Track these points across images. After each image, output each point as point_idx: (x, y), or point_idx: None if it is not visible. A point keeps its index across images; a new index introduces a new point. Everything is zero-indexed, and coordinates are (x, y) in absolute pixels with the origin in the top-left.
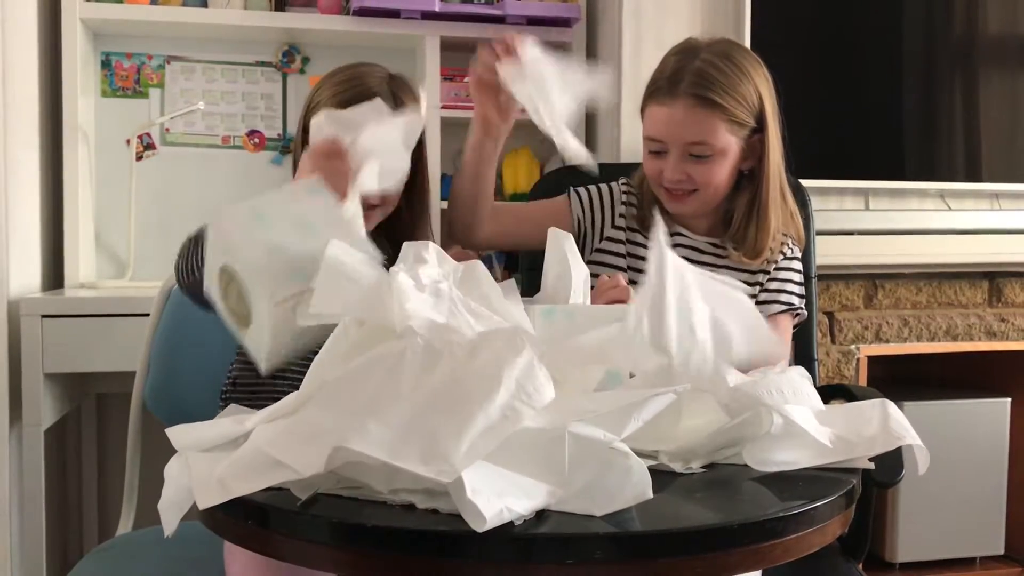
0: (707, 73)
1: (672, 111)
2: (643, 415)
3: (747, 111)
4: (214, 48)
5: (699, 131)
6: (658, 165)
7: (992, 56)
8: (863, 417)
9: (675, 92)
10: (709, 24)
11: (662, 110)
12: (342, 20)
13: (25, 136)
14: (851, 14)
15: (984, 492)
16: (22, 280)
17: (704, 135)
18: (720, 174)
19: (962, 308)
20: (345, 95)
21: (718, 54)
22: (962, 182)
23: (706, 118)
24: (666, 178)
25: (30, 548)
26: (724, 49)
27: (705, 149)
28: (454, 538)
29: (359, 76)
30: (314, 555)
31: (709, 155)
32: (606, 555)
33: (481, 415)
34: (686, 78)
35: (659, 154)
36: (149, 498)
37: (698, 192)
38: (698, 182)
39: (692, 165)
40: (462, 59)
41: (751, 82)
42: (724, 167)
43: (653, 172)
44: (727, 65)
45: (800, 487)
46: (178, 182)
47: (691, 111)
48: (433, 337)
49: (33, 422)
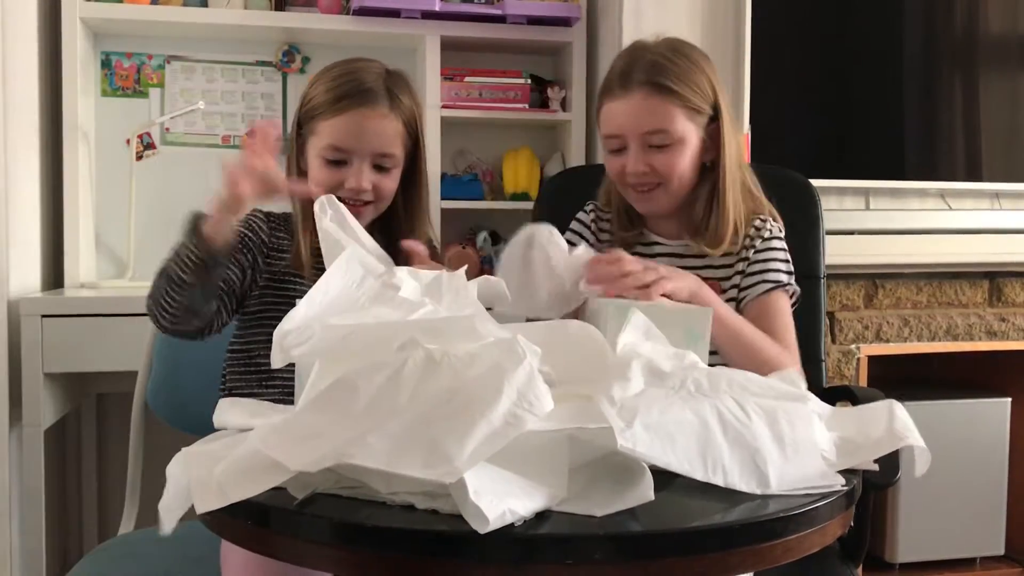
0: (659, 63)
1: (628, 103)
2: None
3: (702, 99)
4: (214, 48)
5: (656, 119)
6: (620, 162)
7: (992, 56)
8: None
9: (629, 84)
10: (709, 24)
11: (617, 104)
12: (342, 20)
13: (25, 136)
14: (851, 14)
15: (984, 492)
16: (22, 280)
17: (662, 123)
18: (682, 163)
19: (962, 308)
20: (339, 90)
21: (667, 48)
22: (962, 182)
23: (661, 105)
24: (629, 172)
25: (30, 548)
26: (672, 44)
27: (664, 138)
28: (454, 538)
29: (355, 71)
30: (314, 555)
31: (669, 144)
32: (606, 555)
33: (483, 421)
34: (638, 70)
35: (619, 152)
36: (151, 497)
37: (663, 185)
38: (661, 173)
39: (653, 155)
40: (462, 59)
41: (702, 72)
42: (685, 156)
43: (616, 171)
44: (677, 56)
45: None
46: (178, 182)
47: (646, 100)
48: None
49: (33, 422)
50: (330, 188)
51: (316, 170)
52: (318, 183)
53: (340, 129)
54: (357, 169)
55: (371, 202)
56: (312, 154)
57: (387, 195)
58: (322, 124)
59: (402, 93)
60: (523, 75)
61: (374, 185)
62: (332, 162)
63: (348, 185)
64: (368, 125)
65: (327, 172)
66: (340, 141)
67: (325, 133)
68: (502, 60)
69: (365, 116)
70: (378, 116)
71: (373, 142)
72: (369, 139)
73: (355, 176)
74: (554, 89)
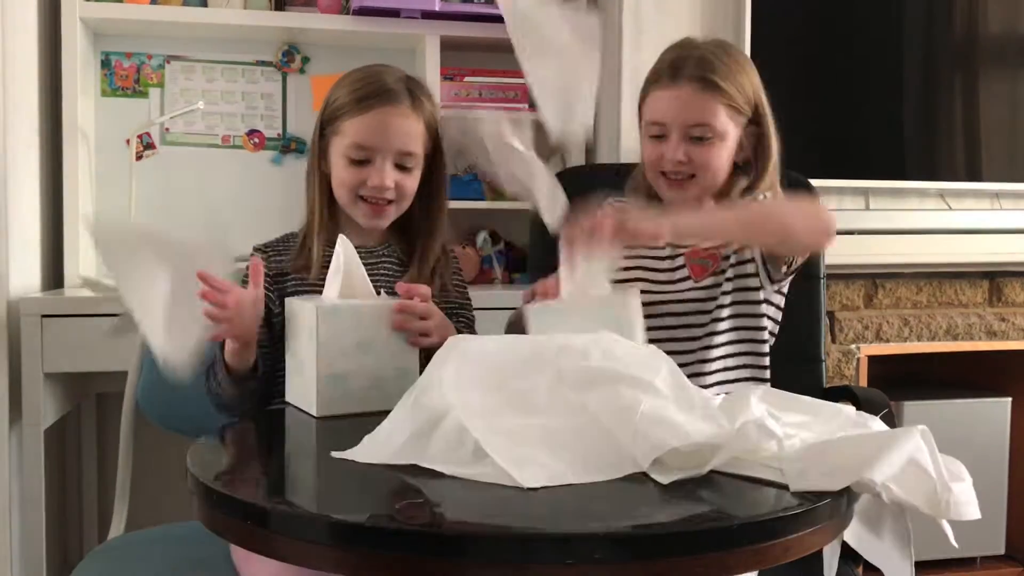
0: (709, 60)
1: (676, 93)
2: None
3: (745, 100)
4: (214, 48)
5: (701, 113)
6: (658, 149)
7: (992, 56)
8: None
9: (678, 76)
10: (709, 24)
11: (665, 93)
12: (342, 20)
13: (25, 136)
14: (851, 14)
15: (984, 492)
16: (22, 280)
17: (706, 117)
18: (719, 159)
19: (962, 308)
20: (363, 91)
21: (717, 47)
22: (962, 182)
23: (708, 100)
24: (667, 159)
25: (30, 548)
26: (721, 44)
27: (706, 131)
28: (454, 538)
29: (376, 74)
30: (314, 555)
31: (710, 137)
32: (606, 555)
33: None
34: (689, 64)
35: (659, 139)
36: (142, 499)
37: (696, 177)
38: (697, 165)
39: (693, 147)
40: (462, 59)
41: (747, 76)
42: (723, 152)
43: (653, 157)
44: (726, 56)
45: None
46: (178, 182)
47: (695, 94)
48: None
49: (33, 422)
50: (353, 187)
51: (340, 170)
52: (341, 182)
53: (364, 127)
54: (380, 167)
55: (393, 201)
56: (336, 154)
57: (409, 194)
58: (346, 124)
59: (423, 96)
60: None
61: (396, 184)
62: (356, 162)
63: (371, 183)
64: (391, 123)
65: (351, 171)
66: (364, 139)
67: (349, 132)
68: (502, 60)
69: (388, 114)
70: (401, 115)
71: (396, 140)
72: (392, 137)
73: (378, 174)
74: None
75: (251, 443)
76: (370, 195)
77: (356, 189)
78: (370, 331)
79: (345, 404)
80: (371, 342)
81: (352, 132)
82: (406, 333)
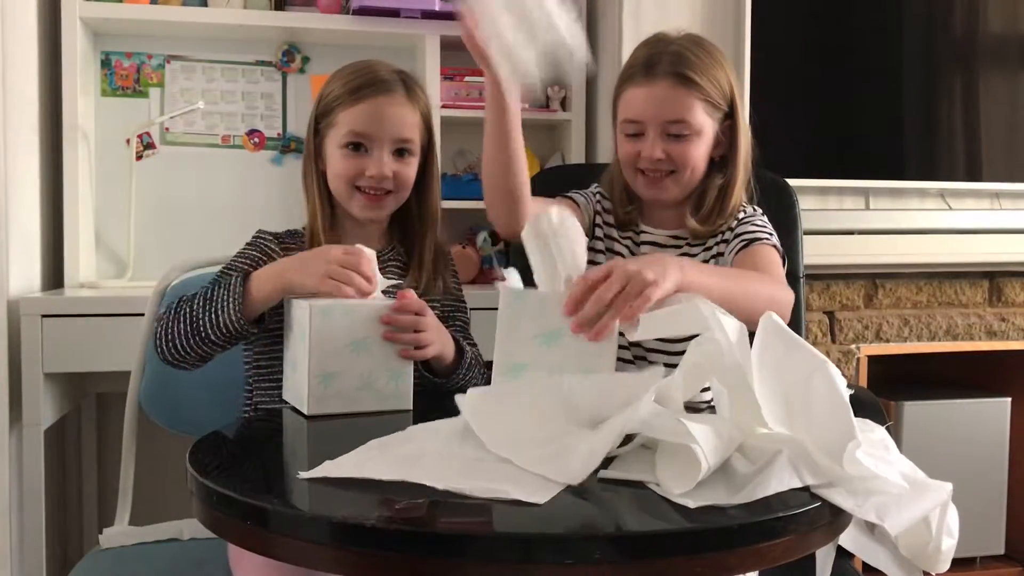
0: (684, 56)
1: (651, 90)
2: None
3: (720, 95)
4: (214, 47)
5: (678, 109)
6: (635, 147)
7: (992, 56)
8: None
9: (653, 73)
10: (709, 24)
11: (640, 91)
12: (342, 19)
13: (25, 136)
14: (851, 14)
15: (984, 492)
16: (22, 280)
17: (683, 113)
18: (696, 155)
19: (962, 308)
20: (357, 82)
21: (691, 41)
22: (962, 181)
23: (684, 96)
24: (644, 157)
25: (30, 548)
26: (695, 39)
27: (683, 128)
28: (454, 538)
29: (369, 66)
30: (314, 555)
31: (687, 134)
32: (606, 555)
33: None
34: (664, 60)
35: (635, 137)
36: (142, 499)
37: (675, 174)
38: (676, 162)
39: (670, 144)
40: (462, 59)
41: (722, 69)
42: (700, 148)
43: (630, 155)
44: (701, 51)
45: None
46: (178, 181)
47: (671, 90)
48: None
49: (33, 422)
50: (351, 178)
51: (336, 162)
52: (338, 174)
53: (360, 116)
54: (377, 157)
55: (391, 191)
56: (332, 146)
57: (407, 183)
58: (341, 114)
59: (417, 87)
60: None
61: (394, 173)
62: (353, 152)
63: (369, 173)
64: (387, 111)
65: (348, 162)
66: (360, 127)
67: (345, 122)
68: None
69: (384, 103)
70: (396, 104)
71: (392, 128)
72: (388, 124)
73: (376, 163)
74: (554, 89)
75: (251, 443)
76: (368, 185)
77: (353, 180)
78: (363, 331)
79: (337, 403)
80: (364, 342)
81: (348, 121)
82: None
